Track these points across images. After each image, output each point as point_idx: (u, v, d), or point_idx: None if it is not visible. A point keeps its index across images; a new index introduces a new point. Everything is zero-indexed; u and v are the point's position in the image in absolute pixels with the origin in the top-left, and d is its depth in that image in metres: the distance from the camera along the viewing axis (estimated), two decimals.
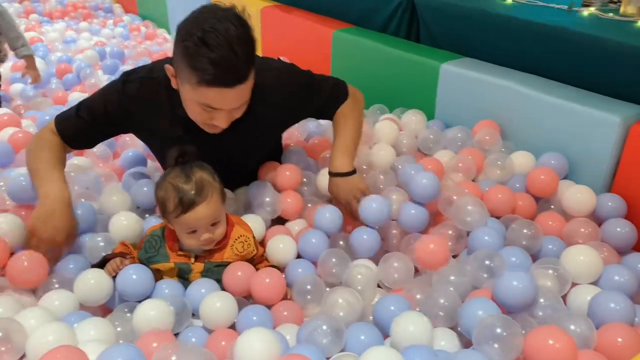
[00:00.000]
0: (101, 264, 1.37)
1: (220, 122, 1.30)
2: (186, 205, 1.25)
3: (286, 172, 1.65)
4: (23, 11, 4.39)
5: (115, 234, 1.47)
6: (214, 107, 1.25)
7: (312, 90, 1.57)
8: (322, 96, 1.61)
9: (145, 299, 1.29)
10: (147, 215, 1.58)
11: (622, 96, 1.70)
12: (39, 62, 2.99)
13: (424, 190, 1.53)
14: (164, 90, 1.39)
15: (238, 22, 1.20)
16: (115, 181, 1.78)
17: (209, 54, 1.16)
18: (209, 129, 1.36)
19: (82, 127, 1.47)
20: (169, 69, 1.29)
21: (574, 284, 1.34)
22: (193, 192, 1.25)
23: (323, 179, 1.64)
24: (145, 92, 1.42)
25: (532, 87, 1.83)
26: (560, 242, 1.48)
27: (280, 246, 1.47)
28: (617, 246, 1.46)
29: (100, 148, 1.91)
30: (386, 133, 1.94)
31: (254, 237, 1.43)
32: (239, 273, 1.33)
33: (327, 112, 1.66)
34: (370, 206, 1.50)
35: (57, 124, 1.48)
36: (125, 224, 1.48)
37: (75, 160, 1.86)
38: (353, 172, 1.56)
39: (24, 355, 1.10)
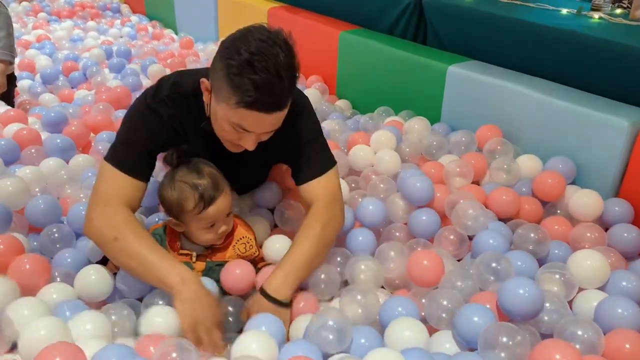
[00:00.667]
0: (104, 261, 1.36)
1: (247, 144, 1.25)
2: (208, 200, 1.26)
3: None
4: (31, 9, 4.41)
5: None
6: (246, 129, 1.21)
7: (319, 140, 1.46)
8: (316, 148, 1.44)
9: (143, 296, 1.28)
10: (158, 219, 1.56)
11: (631, 100, 1.69)
12: (45, 59, 3.00)
13: (418, 193, 1.55)
14: (192, 104, 1.34)
15: (286, 48, 1.15)
16: None
17: (253, 77, 1.11)
18: (232, 147, 1.31)
19: (143, 159, 1.32)
20: (204, 82, 1.24)
21: (580, 289, 1.32)
22: (211, 186, 1.27)
23: None
24: (178, 108, 1.34)
25: (540, 91, 1.81)
26: (566, 247, 1.46)
27: (277, 245, 1.43)
28: (623, 251, 1.45)
29: (104, 146, 1.92)
30: (384, 141, 1.92)
31: (255, 239, 1.43)
32: (238, 271, 1.33)
33: (306, 169, 1.43)
34: (367, 207, 1.51)
35: (127, 171, 1.28)
36: None
37: (80, 158, 1.86)
38: (286, 305, 1.26)
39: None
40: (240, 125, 1.19)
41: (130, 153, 1.30)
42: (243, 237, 1.40)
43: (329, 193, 1.41)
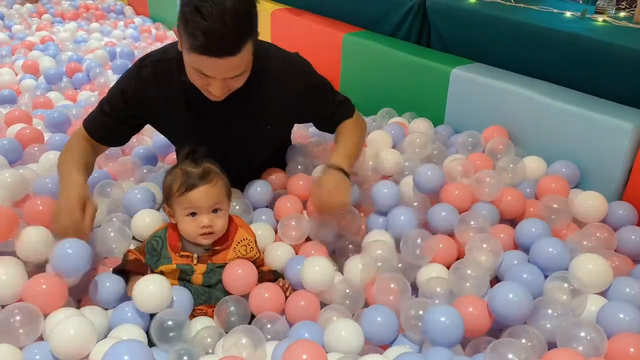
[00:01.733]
0: (120, 272, 1.37)
1: (214, 90, 1.31)
2: (191, 183, 1.28)
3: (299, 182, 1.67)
4: (35, 11, 4.42)
5: (137, 232, 1.50)
6: (206, 74, 1.27)
7: (323, 92, 1.59)
8: (330, 102, 1.61)
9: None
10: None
11: (635, 103, 1.68)
12: (49, 61, 3.00)
13: (428, 182, 1.60)
14: (176, 69, 1.41)
15: None
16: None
17: (200, 22, 1.17)
18: (210, 95, 1.37)
19: (107, 123, 1.51)
20: (175, 31, 1.31)
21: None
22: (199, 174, 1.29)
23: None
24: (160, 74, 1.44)
25: (543, 93, 1.81)
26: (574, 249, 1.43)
27: (279, 253, 1.49)
28: (631, 254, 1.44)
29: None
30: (380, 141, 1.90)
31: (256, 241, 1.43)
32: (240, 271, 1.33)
33: (330, 122, 1.65)
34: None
35: (85, 126, 1.53)
36: (147, 222, 1.49)
37: None
38: (348, 176, 1.49)
39: None
40: (199, 70, 1.26)
41: (103, 120, 1.52)
42: (244, 239, 1.39)
43: (352, 121, 1.65)
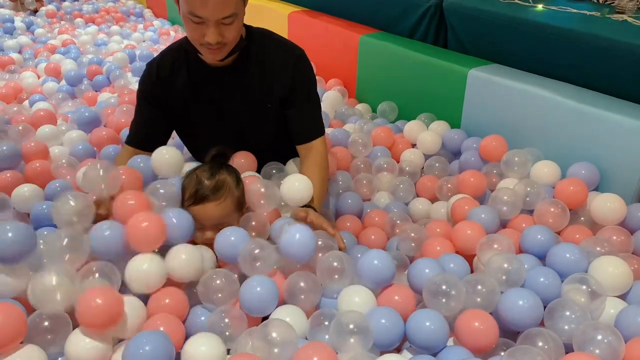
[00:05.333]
0: None
1: (209, 37, 1.37)
2: (199, 198, 1.30)
3: None
4: (71, 13, 4.52)
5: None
6: (198, 14, 1.33)
7: (309, 76, 1.63)
8: (311, 95, 1.62)
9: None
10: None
11: None
12: (70, 63, 3.05)
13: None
14: (183, 53, 1.56)
15: None
16: None
17: None
18: (208, 54, 1.44)
19: (140, 125, 1.64)
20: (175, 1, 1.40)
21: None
22: (210, 189, 1.30)
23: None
24: (168, 58, 1.59)
25: (562, 94, 1.79)
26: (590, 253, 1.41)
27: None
28: None
29: None
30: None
31: None
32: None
33: (303, 127, 1.60)
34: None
35: (126, 140, 1.66)
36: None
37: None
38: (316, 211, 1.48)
39: None
40: (192, 12, 1.33)
41: (136, 121, 1.65)
42: None
43: (322, 153, 1.60)
